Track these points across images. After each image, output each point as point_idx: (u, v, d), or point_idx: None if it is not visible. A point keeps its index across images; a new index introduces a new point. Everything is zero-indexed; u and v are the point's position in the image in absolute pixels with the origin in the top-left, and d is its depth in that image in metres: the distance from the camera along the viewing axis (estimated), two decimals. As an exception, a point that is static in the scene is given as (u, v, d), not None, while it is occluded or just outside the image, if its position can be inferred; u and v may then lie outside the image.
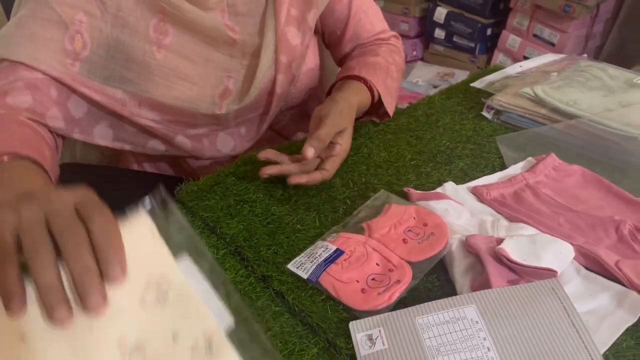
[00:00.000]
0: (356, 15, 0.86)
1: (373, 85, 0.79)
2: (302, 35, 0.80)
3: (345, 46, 0.89)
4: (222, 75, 0.78)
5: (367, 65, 0.81)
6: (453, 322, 0.47)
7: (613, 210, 0.66)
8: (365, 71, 0.80)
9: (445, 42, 2.20)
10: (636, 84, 0.90)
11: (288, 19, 0.78)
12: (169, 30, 0.72)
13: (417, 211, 0.61)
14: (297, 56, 0.81)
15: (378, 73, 0.80)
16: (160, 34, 0.72)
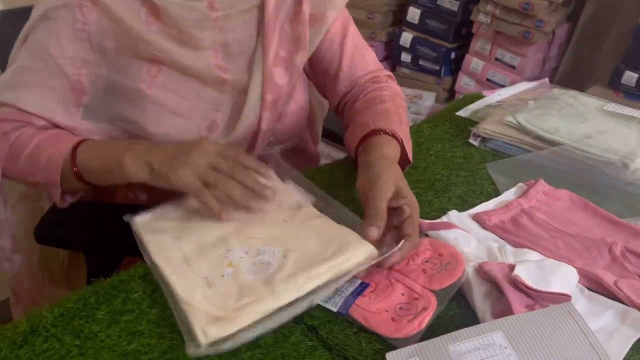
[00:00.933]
0: (350, 53, 0.86)
1: (395, 133, 0.77)
2: (289, 75, 0.81)
3: (340, 85, 0.88)
4: (211, 109, 0.80)
5: (379, 115, 0.80)
6: (484, 348, 0.51)
7: (602, 231, 0.72)
8: (380, 122, 0.78)
9: (411, 65, 2.29)
10: (607, 111, 0.98)
11: (275, 59, 0.79)
12: (162, 70, 0.75)
13: (432, 243, 0.65)
14: (283, 95, 0.82)
15: (393, 119, 0.79)
16: (152, 74, 0.75)
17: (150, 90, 0.74)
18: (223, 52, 0.78)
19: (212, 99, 0.78)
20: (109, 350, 0.53)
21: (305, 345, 0.54)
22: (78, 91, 0.74)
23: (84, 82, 0.74)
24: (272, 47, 0.78)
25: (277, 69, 0.80)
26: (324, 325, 0.56)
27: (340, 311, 0.57)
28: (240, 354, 0.53)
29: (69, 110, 0.73)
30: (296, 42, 0.80)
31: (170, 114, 0.76)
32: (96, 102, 0.75)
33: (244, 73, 0.79)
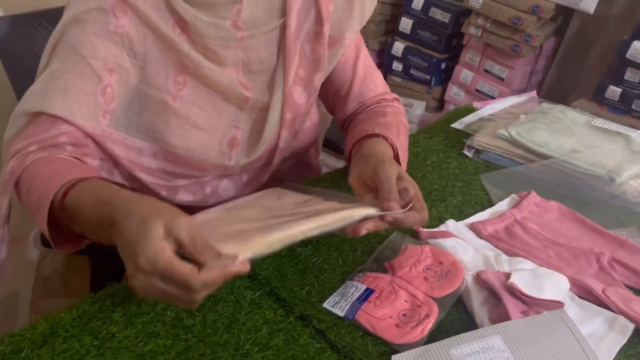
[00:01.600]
0: (361, 75, 0.89)
1: (391, 140, 0.79)
2: (307, 95, 0.84)
3: (349, 105, 0.90)
4: (231, 125, 0.81)
5: (379, 125, 0.82)
6: (483, 351, 0.54)
7: (590, 242, 0.76)
8: (378, 129, 0.81)
9: (402, 74, 2.33)
10: (594, 126, 1.02)
11: (295, 79, 0.81)
12: (188, 82, 0.76)
13: (432, 251, 0.68)
14: (302, 114, 0.84)
15: (391, 130, 0.82)
16: (178, 85, 0.75)
17: (175, 102, 0.75)
18: (244, 70, 0.79)
19: (231, 115, 0.80)
20: (126, 350, 0.55)
21: (314, 348, 0.57)
22: (107, 96, 0.72)
23: (114, 86, 0.72)
24: (293, 67, 0.80)
25: (297, 89, 0.82)
26: (332, 329, 0.59)
27: (347, 316, 0.60)
28: (252, 354, 0.56)
29: (97, 116, 0.71)
30: (316, 62, 0.82)
31: (193, 127, 0.76)
32: (122, 110, 0.74)
33: (264, 91, 0.81)
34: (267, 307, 0.62)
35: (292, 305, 0.62)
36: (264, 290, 0.64)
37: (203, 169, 0.80)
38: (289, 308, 0.62)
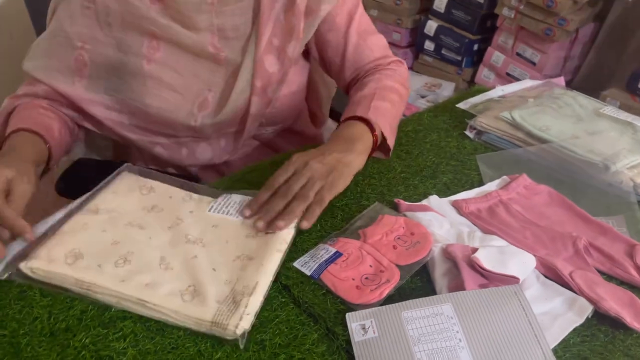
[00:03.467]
0: (354, 43, 0.90)
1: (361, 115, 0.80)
2: (280, 63, 0.86)
3: (346, 73, 0.92)
4: (204, 88, 0.85)
5: (353, 104, 0.84)
6: (432, 316, 0.57)
7: (572, 227, 0.77)
8: (349, 111, 0.82)
9: (434, 53, 2.31)
10: (602, 113, 1.01)
11: (267, 47, 0.84)
12: (161, 47, 0.82)
13: (406, 222, 0.71)
14: (274, 82, 0.87)
15: (362, 103, 0.82)
16: (152, 50, 0.82)
17: (150, 65, 0.82)
18: (219, 36, 0.83)
19: (205, 77, 0.84)
20: (107, 288, 0.61)
21: (279, 301, 0.62)
22: (80, 63, 0.82)
23: (84, 55, 0.82)
24: (266, 35, 0.83)
25: (269, 57, 0.84)
26: (297, 286, 0.63)
27: (313, 275, 0.64)
28: (220, 302, 0.60)
29: (72, 80, 0.83)
30: (289, 32, 0.84)
31: (166, 89, 0.83)
32: (98, 75, 0.84)
33: (238, 57, 0.84)
34: (241, 261, 0.66)
35: (265, 262, 0.66)
36: (242, 246, 0.69)
37: (173, 127, 0.86)
38: (261, 264, 0.66)
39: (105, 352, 0.53)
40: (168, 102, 0.83)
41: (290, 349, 0.55)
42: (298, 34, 0.84)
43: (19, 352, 0.53)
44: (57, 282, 0.59)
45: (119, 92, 0.84)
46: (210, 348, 0.55)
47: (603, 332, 0.60)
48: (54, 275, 0.59)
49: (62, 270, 0.59)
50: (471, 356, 0.53)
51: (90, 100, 0.84)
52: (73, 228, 0.66)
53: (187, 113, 0.84)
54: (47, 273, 0.59)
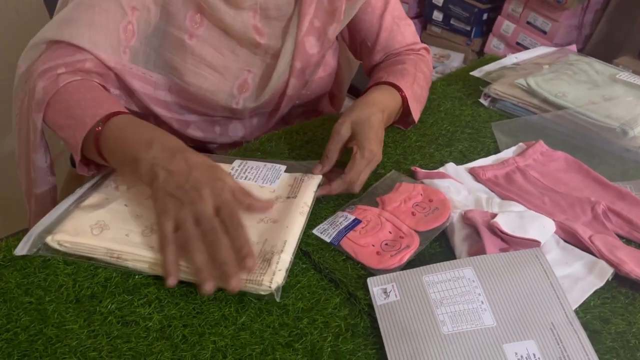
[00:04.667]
0: (388, 27, 0.90)
1: (402, 90, 0.81)
2: (320, 45, 0.85)
3: (376, 56, 0.92)
4: (244, 69, 0.84)
5: (395, 72, 0.84)
6: (454, 280, 0.57)
7: (590, 192, 0.76)
8: (392, 77, 0.82)
9: (442, 24, 2.27)
10: (618, 79, 0.99)
11: (309, 28, 0.83)
12: (204, 22, 0.79)
13: (424, 189, 0.71)
14: (312, 64, 0.86)
15: (406, 77, 0.83)
16: (195, 24, 0.78)
17: (192, 40, 0.78)
18: (261, 15, 0.81)
19: (245, 59, 0.83)
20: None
21: (299, 267, 0.62)
22: (129, 32, 0.75)
23: (134, 24, 0.75)
24: (308, 16, 0.82)
25: (310, 38, 0.83)
26: (317, 252, 0.63)
27: (333, 242, 0.64)
28: (242, 269, 0.61)
29: (119, 51, 0.75)
30: (332, 14, 0.83)
31: (207, 67, 0.80)
32: (143, 46, 0.78)
33: (278, 38, 0.83)
34: (261, 229, 0.67)
35: (284, 229, 0.66)
36: (260, 215, 0.69)
37: (212, 107, 0.84)
38: (281, 232, 0.66)
39: (132, 317, 0.54)
40: (208, 81, 0.81)
41: (313, 312, 0.56)
42: (339, 16, 0.83)
43: (46, 318, 0.53)
44: (85, 253, 0.59)
45: (158, 67, 0.80)
46: (234, 312, 0.55)
47: (623, 294, 0.60)
48: (82, 247, 0.59)
49: (90, 241, 0.59)
50: (494, 318, 0.54)
51: (132, 73, 0.78)
52: (95, 202, 0.66)
53: (228, 95, 0.83)
54: (74, 245, 0.59)
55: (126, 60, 0.77)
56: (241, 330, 0.54)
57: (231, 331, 0.53)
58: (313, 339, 0.53)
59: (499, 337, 0.52)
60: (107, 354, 0.50)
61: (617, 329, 0.56)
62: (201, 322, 0.54)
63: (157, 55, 0.79)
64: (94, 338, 0.52)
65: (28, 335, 0.52)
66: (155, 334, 0.53)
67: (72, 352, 0.50)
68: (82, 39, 0.71)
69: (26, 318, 0.53)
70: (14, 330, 0.52)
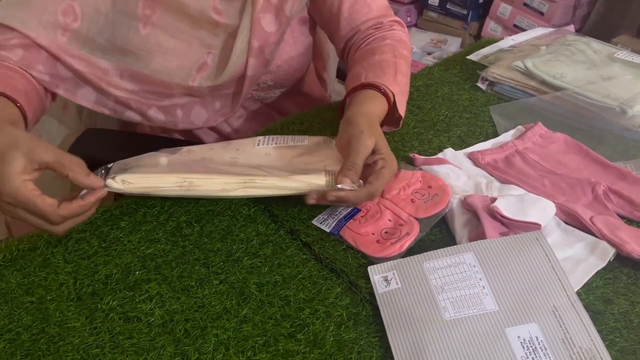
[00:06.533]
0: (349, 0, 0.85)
1: (386, 89, 0.75)
2: (278, 23, 0.82)
3: (342, 31, 0.86)
4: (204, 51, 0.82)
5: (374, 67, 0.78)
6: (455, 266, 0.57)
7: (590, 173, 0.76)
8: (372, 74, 0.77)
9: (438, 8, 2.25)
10: (617, 58, 0.98)
11: (265, 5, 0.80)
12: (157, 9, 0.77)
13: (423, 175, 0.70)
14: (271, 42, 0.83)
15: (387, 71, 0.78)
16: (148, 10, 0.77)
17: (146, 29, 0.78)
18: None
19: (205, 40, 0.81)
20: (129, 252, 0.61)
21: (300, 258, 0.62)
22: (69, 15, 0.76)
23: (76, 7, 0.76)
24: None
25: (266, 15, 0.81)
26: (317, 242, 0.63)
27: (333, 232, 0.64)
28: (242, 261, 0.61)
29: (55, 32, 0.75)
30: None
31: (163, 53, 0.79)
32: (89, 33, 0.78)
33: (237, 17, 0.80)
34: (260, 221, 0.67)
35: (284, 220, 0.66)
36: (259, 207, 0.69)
37: (168, 87, 0.83)
38: (280, 223, 0.66)
39: (133, 313, 0.54)
40: (164, 65, 0.80)
41: (315, 303, 0.56)
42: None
43: (47, 317, 0.54)
44: (153, 185, 0.61)
45: (109, 54, 0.79)
46: (236, 305, 0.55)
47: (626, 274, 0.60)
48: (149, 181, 0.61)
49: (158, 174, 0.62)
50: (495, 302, 0.53)
51: (72, 54, 0.78)
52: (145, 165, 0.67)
53: (185, 74, 0.81)
54: (142, 179, 0.61)
55: (64, 43, 0.77)
56: (243, 323, 0.54)
57: (233, 324, 0.54)
58: (315, 329, 0.53)
59: (501, 321, 0.52)
60: (109, 350, 0.50)
61: (619, 309, 0.56)
62: (203, 316, 0.54)
63: (110, 44, 0.79)
64: (96, 335, 0.52)
65: (30, 335, 0.52)
66: (158, 329, 0.53)
67: (74, 349, 0.50)
68: (13, 20, 0.73)
69: (28, 317, 0.53)
70: (16, 330, 0.52)
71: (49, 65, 0.78)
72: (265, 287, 0.58)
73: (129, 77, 0.82)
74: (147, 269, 0.59)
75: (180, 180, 0.62)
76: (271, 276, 0.59)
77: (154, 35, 0.78)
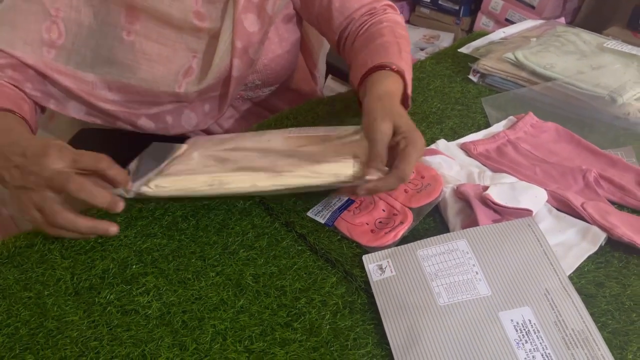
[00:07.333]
0: None
1: (396, 65, 0.73)
2: (260, 22, 0.82)
3: (335, 22, 0.84)
4: (189, 55, 0.82)
5: (378, 51, 0.76)
6: (448, 253, 0.58)
7: (582, 161, 0.77)
8: (377, 58, 0.74)
9: (430, 4, 2.26)
10: (606, 48, 0.99)
11: (247, 5, 0.80)
12: (140, 17, 0.78)
13: (416, 166, 0.71)
14: (255, 42, 0.83)
15: (391, 51, 0.76)
16: (130, 19, 0.78)
17: (130, 36, 0.78)
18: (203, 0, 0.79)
19: (189, 45, 0.81)
20: (126, 247, 0.62)
21: (295, 249, 0.62)
22: (54, 32, 0.77)
23: (59, 24, 0.77)
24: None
25: (248, 15, 0.80)
26: (312, 234, 0.64)
27: (327, 223, 0.64)
28: (238, 253, 0.61)
29: (40, 49, 0.77)
30: None
31: (149, 60, 0.79)
32: (76, 48, 0.78)
33: (219, 19, 0.80)
34: (255, 214, 0.67)
35: (279, 213, 0.67)
36: (254, 200, 0.69)
37: (156, 95, 0.83)
38: (275, 216, 0.67)
39: (131, 306, 0.54)
40: (151, 73, 0.80)
41: (311, 292, 0.57)
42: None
43: (45, 311, 0.54)
44: (183, 187, 0.63)
45: (96, 67, 0.80)
46: (232, 296, 0.56)
47: (617, 258, 0.61)
48: (179, 184, 0.63)
49: (189, 176, 0.63)
50: (489, 287, 0.54)
51: (59, 71, 0.79)
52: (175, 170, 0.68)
53: (171, 81, 0.82)
54: (174, 182, 0.63)
55: (51, 60, 0.78)
56: (240, 313, 0.54)
57: (230, 314, 0.54)
58: (311, 317, 0.54)
59: (494, 306, 0.53)
60: (108, 343, 0.51)
61: (611, 292, 0.57)
62: (200, 307, 0.55)
63: (95, 55, 0.79)
64: (94, 328, 0.52)
65: (29, 329, 0.52)
66: (155, 321, 0.53)
67: (73, 342, 0.51)
68: (1, 41, 0.75)
69: (26, 312, 0.54)
70: (14, 325, 0.53)
71: (38, 82, 0.80)
72: (262, 278, 0.58)
73: (117, 89, 0.82)
74: (144, 263, 0.60)
75: (210, 180, 0.63)
76: (267, 267, 0.60)
77: (138, 42, 0.79)
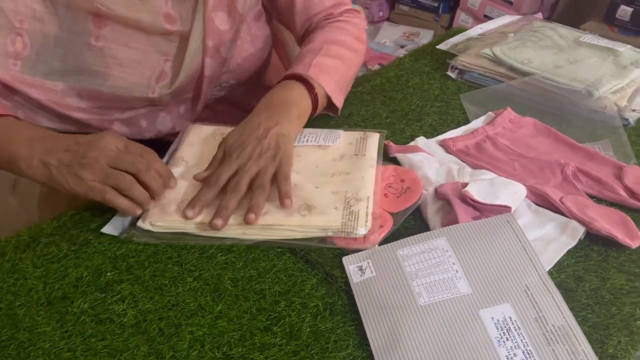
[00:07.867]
0: None
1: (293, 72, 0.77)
2: (232, 21, 0.81)
3: (297, 25, 0.87)
4: (161, 59, 0.80)
5: (297, 59, 0.80)
6: (428, 252, 0.57)
7: (560, 155, 0.77)
8: (291, 67, 0.79)
9: (410, 2, 2.27)
10: (583, 42, 1.00)
11: (217, 4, 0.79)
12: (108, 23, 0.75)
13: (396, 169, 0.71)
14: (226, 40, 0.82)
15: (305, 59, 0.79)
16: (98, 24, 0.75)
17: (99, 42, 0.75)
18: (173, 0, 0.77)
19: (161, 48, 0.79)
20: (100, 254, 0.60)
21: (275, 251, 0.61)
22: (18, 44, 0.74)
23: (24, 35, 0.74)
24: None
25: (219, 14, 0.79)
26: (291, 235, 0.63)
27: (307, 224, 0.64)
28: (216, 257, 0.60)
29: (5, 62, 0.74)
30: None
31: (119, 65, 0.77)
32: (43, 58, 0.75)
33: (189, 20, 0.79)
34: (233, 217, 0.66)
35: (257, 215, 0.66)
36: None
37: (130, 101, 0.81)
38: (254, 218, 0.66)
39: (105, 315, 0.53)
40: (123, 80, 0.78)
41: (290, 295, 0.56)
42: None
43: (17, 322, 0.52)
44: (179, 229, 0.63)
45: (64, 76, 0.77)
46: (210, 302, 0.55)
47: (596, 251, 0.61)
48: (174, 224, 0.63)
49: (181, 217, 0.63)
50: (469, 285, 0.54)
51: (27, 83, 0.75)
52: None
53: (144, 87, 0.80)
54: (167, 223, 0.63)
55: (16, 71, 0.75)
56: (218, 319, 0.53)
57: (208, 320, 0.53)
58: (291, 320, 0.53)
59: (475, 304, 0.52)
60: (81, 353, 0.49)
61: (591, 285, 0.57)
62: (177, 314, 0.54)
63: (64, 64, 0.76)
64: (67, 339, 0.51)
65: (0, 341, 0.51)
66: (131, 329, 0.52)
67: (45, 354, 0.49)
68: None
69: (-4, 324, 0.52)
70: (-16, 338, 0.51)
71: (6, 95, 0.76)
72: (240, 282, 0.57)
73: (87, 97, 0.80)
74: (119, 270, 0.58)
75: (201, 225, 0.63)
76: (246, 271, 0.59)
77: (108, 47, 0.76)
